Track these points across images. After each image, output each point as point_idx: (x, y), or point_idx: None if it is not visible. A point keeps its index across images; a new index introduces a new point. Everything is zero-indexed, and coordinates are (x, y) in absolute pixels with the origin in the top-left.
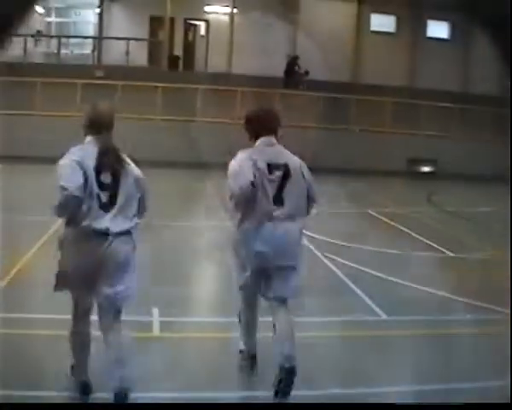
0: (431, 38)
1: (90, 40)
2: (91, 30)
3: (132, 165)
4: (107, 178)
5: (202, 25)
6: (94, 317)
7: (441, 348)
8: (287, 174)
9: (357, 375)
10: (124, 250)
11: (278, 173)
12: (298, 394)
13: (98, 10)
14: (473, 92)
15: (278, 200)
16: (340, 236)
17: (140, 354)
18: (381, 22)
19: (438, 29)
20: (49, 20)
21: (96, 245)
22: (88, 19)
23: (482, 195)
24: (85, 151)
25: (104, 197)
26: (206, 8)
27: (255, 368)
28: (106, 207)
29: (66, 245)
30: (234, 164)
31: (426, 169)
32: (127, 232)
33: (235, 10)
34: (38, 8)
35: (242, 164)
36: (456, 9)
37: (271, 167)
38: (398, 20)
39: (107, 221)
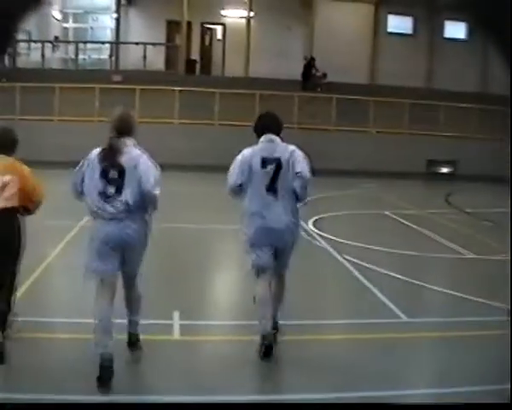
0: (448, 39)
1: (108, 45)
2: (108, 35)
3: (135, 152)
4: (113, 174)
5: (219, 29)
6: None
7: (463, 350)
8: (279, 167)
9: (379, 377)
10: (130, 233)
11: (271, 167)
12: (319, 397)
13: (115, 15)
14: (491, 92)
15: (272, 189)
16: (359, 237)
17: (160, 357)
18: (398, 23)
19: (455, 30)
20: (66, 25)
21: (106, 231)
22: (105, 24)
23: (502, 196)
24: (98, 151)
25: (111, 191)
26: (223, 12)
27: (271, 357)
28: (111, 199)
29: (90, 232)
30: (236, 160)
31: (445, 170)
32: (132, 218)
33: (251, 14)
34: (56, 14)
35: (240, 162)
36: (460, 9)
37: (266, 162)
38: (415, 21)
39: (112, 211)
